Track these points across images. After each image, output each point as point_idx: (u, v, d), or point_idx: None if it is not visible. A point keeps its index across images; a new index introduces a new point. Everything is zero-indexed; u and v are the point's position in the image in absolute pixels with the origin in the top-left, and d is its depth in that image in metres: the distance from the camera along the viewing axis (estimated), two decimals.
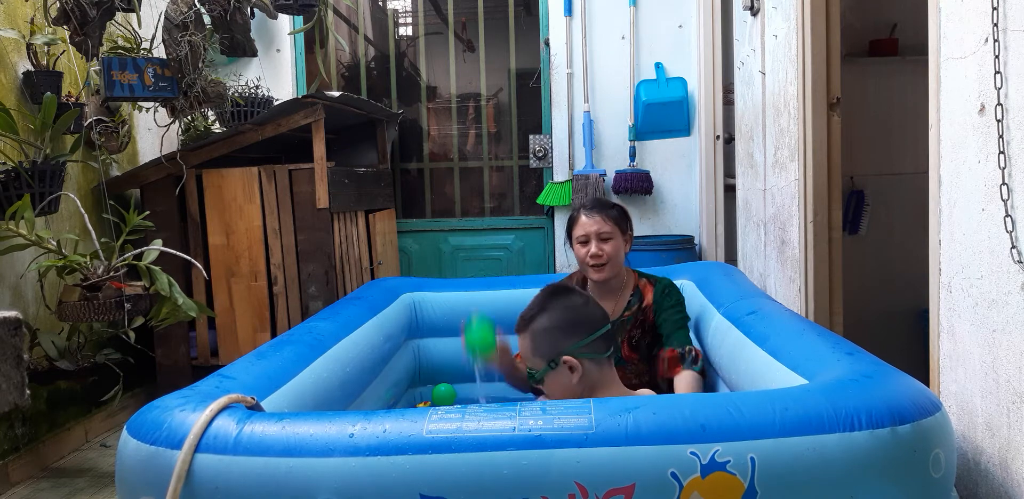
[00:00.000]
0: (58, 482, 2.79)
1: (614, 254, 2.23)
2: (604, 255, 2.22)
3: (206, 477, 1.29)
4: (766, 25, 2.99)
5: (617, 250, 2.24)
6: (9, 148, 2.64)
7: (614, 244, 2.23)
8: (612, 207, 2.29)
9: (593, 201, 2.34)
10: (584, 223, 2.25)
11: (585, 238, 2.24)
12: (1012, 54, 1.42)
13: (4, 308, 2.57)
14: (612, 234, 2.23)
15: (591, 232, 2.23)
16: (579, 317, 1.75)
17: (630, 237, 2.31)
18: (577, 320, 1.74)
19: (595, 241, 2.22)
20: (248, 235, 3.45)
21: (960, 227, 1.64)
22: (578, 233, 2.26)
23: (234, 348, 3.45)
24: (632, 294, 2.30)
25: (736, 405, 1.30)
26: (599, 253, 2.22)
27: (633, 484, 1.23)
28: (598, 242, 2.22)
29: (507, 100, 4.58)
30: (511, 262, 4.49)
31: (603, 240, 2.22)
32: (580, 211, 2.29)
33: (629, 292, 2.30)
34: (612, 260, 2.23)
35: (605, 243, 2.22)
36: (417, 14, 4.68)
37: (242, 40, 2.93)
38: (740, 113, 3.52)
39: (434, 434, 1.28)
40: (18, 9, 2.99)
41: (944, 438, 1.31)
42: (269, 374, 1.71)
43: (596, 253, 2.22)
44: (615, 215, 2.26)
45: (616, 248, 2.24)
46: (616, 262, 2.25)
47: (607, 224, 2.22)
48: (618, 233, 2.25)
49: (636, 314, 2.27)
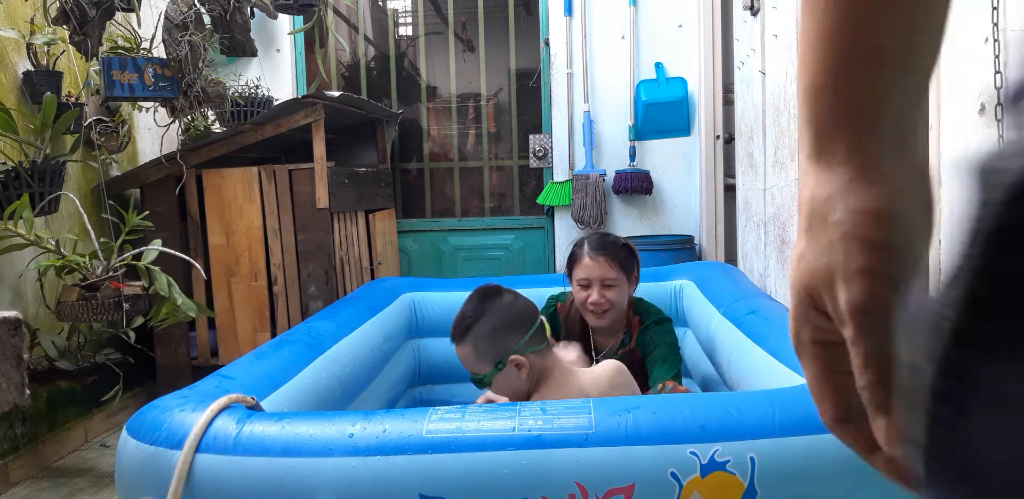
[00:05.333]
0: (58, 482, 2.79)
1: (618, 301, 2.02)
2: (606, 302, 2.01)
3: (206, 477, 1.29)
4: (766, 25, 2.99)
5: (621, 297, 2.03)
6: (9, 148, 2.64)
7: (618, 291, 2.01)
8: (620, 247, 2.06)
9: (599, 239, 2.09)
10: (587, 266, 2.03)
11: (587, 282, 2.03)
12: (1012, 54, 1.42)
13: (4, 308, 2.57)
14: (617, 281, 2.01)
15: (594, 277, 2.01)
16: (515, 315, 1.74)
17: (636, 278, 2.09)
18: (514, 318, 1.73)
19: (597, 287, 2.01)
20: (248, 235, 3.45)
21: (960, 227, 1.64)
22: (579, 275, 2.05)
23: (234, 348, 3.45)
24: (625, 332, 2.13)
25: (736, 405, 1.30)
26: (601, 301, 2.01)
27: (633, 484, 1.23)
28: (601, 289, 2.01)
29: (507, 100, 4.58)
30: (511, 262, 4.49)
31: (606, 287, 2.01)
32: (584, 250, 2.06)
33: (623, 328, 2.13)
34: (615, 307, 2.03)
35: (608, 290, 2.01)
36: (417, 14, 4.68)
37: (242, 40, 2.94)
38: (740, 113, 3.52)
39: (434, 434, 1.28)
40: (18, 9, 2.99)
41: None
42: (269, 374, 1.71)
43: (598, 301, 2.01)
44: (622, 257, 2.04)
45: (619, 295, 2.02)
46: (619, 308, 2.05)
47: (612, 269, 2.00)
48: (623, 278, 2.02)
49: (628, 353, 2.10)
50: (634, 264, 2.10)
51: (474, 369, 1.74)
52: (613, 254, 2.03)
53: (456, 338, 1.75)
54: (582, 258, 2.06)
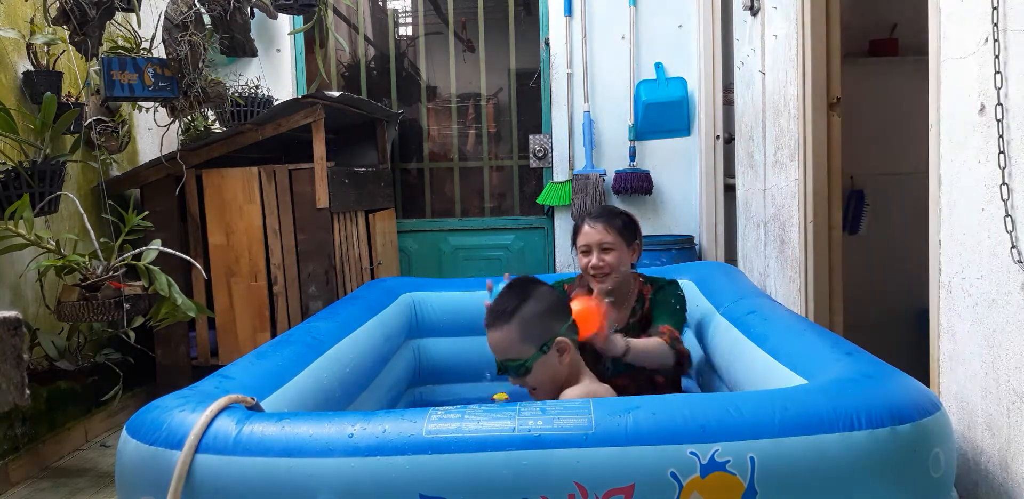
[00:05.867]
0: (58, 482, 2.79)
1: (616, 265, 2.17)
2: (605, 265, 2.16)
3: (206, 477, 1.29)
4: (766, 25, 2.99)
5: (620, 261, 2.17)
6: (9, 148, 2.64)
7: (616, 255, 2.16)
8: (618, 215, 2.22)
9: (599, 209, 2.28)
10: (586, 232, 2.19)
11: (587, 248, 2.19)
12: (1012, 54, 1.42)
13: (4, 308, 2.57)
14: (614, 245, 2.16)
15: (592, 242, 2.17)
16: (559, 301, 1.78)
17: (638, 246, 2.23)
18: (559, 304, 1.77)
19: (596, 251, 2.16)
20: (248, 235, 3.45)
21: (960, 227, 1.64)
22: (581, 242, 2.21)
23: (234, 348, 3.45)
24: (636, 300, 2.26)
25: (736, 405, 1.30)
26: (600, 264, 2.16)
27: (633, 484, 1.23)
28: (599, 253, 2.16)
29: (507, 100, 4.58)
30: (511, 262, 4.49)
31: (604, 251, 2.16)
32: (584, 219, 2.22)
33: (634, 298, 2.26)
34: (615, 271, 2.17)
35: (606, 254, 2.16)
36: (417, 14, 4.68)
37: (242, 40, 2.93)
38: (740, 113, 3.52)
39: (433, 434, 1.28)
40: (18, 9, 2.99)
41: (944, 438, 1.31)
42: (269, 374, 1.71)
43: (597, 264, 2.16)
44: (619, 225, 2.18)
45: (618, 259, 2.17)
46: (619, 272, 2.19)
47: (609, 234, 2.16)
48: (621, 243, 2.17)
49: (640, 320, 2.23)
50: (634, 232, 2.23)
51: (515, 353, 1.71)
52: (610, 221, 2.18)
53: (499, 320, 1.72)
54: (582, 227, 2.22)
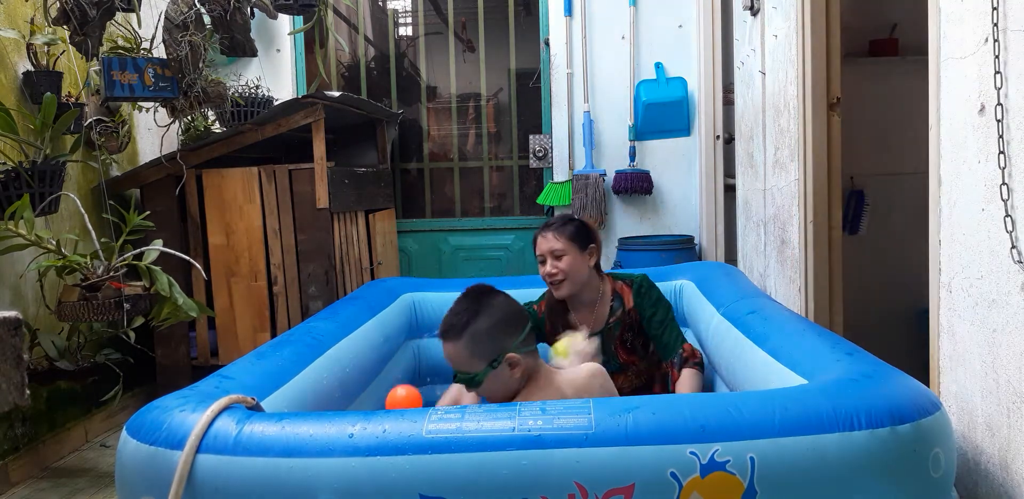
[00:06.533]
0: (58, 482, 2.79)
1: (569, 270, 2.22)
2: (559, 272, 2.23)
3: (206, 477, 1.29)
4: (766, 25, 2.99)
5: (573, 266, 2.23)
6: (9, 148, 2.64)
7: (568, 260, 2.22)
8: (569, 222, 2.28)
9: (552, 220, 2.33)
10: (538, 243, 2.27)
11: (542, 257, 2.27)
12: (1012, 54, 1.42)
13: (4, 308, 2.57)
14: (565, 251, 2.22)
15: (544, 251, 2.25)
16: (513, 314, 1.76)
17: (594, 249, 2.28)
18: (512, 317, 1.75)
19: (549, 259, 2.24)
20: (248, 235, 3.45)
21: (960, 227, 1.64)
22: (537, 253, 2.29)
23: (234, 348, 3.45)
24: (613, 299, 2.30)
25: (736, 405, 1.30)
26: (553, 271, 2.23)
27: (633, 484, 1.23)
28: (552, 260, 2.23)
29: (507, 100, 4.58)
30: (511, 262, 4.49)
31: (556, 258, 2.23)
32: (539, 230, 2.30)
33: (609, 298, 2.30)
34: (570, 276, 2.23)
35: (559, 260, 2.23)
36: (417, 14, 4.68)
37: (242, 40, 2.93)
38: (740, 113, 3.52)
39: (433, 434, 1.28)
40: (18, 9, 2.99)
41: (944, 438, 1.31)
42: (269, 374, 1.71)
43: (550, 271, 2.24)
44: (570, 231, 2.24)
45: (571, 264, 2.22)
46: (575, 278, 2.24)
47: (559, 241, 2.22)
48: (573, 249, 2.23)
49: (622, 318, 2.28)
50: (587, 237, 2.27)
51: (465, 367, 1.71)
52: (560, 229, 2.25)
53: (449, 335, 1.72)
54: (536, 237, 2.29)
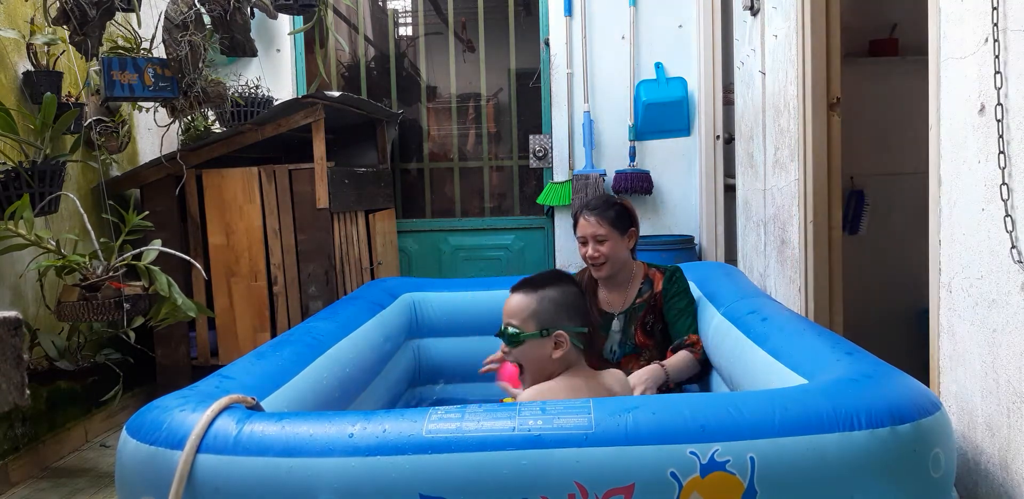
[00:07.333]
0: (58, 482, 2.79)
1: (611, 254, 2.33)
2: (600, 255, 2.33)
3: (206, 477, 1.29)
4: (766, 25, 2.99)
5: (614, 250, 2.33)
6: (9, 148, 2.64)
7: (610, 245, 2.32)
8: (612, 207, 2.36)
9: (595, 201, 2.42)
10: (582, 225, 2.36)
11: (583, 239, 2.36)
12: (1012, 54, 1.42)
13: (4, 308, 2.57)
14: (607, 236, 2.32)
15: (587, 234, 2.33)
16: (583, 307, 1.81)
17: (634, 233, 2.38)
18: (581, 308, 1.80)
19: (592, 243, 2.33)
20: (248, 235, 3.45)
21: (960, 227, 1.64)
22: (578, 234, 2.38)
23: (234, 348, 3.45)
24: (643, 282, 2.40)
25: (736, 405, 1.30)
26: (595, 255, 2.33)
27: (633, 484, 1.23)
28: (594, 244, 2.33)
29: (507, 100, 4.58)
30: (511, 262, 4.49)
31: (599, 242, 2.32)
32: (581, 212, 2.38)
33: (640, 281, 2.41)
34: (610, 260, 2.34)
35: (601, 245, 2.32)
36: (417, 14, 4.68)
37: (242, 40, 2.93)
38: (740, 113, 3.52)
39: (434, 434, 1.28)
40: (18, 9, 2.99)
41: (944, 438, 1.31)
42: (269, 374, 1.71)
43: (592, 255, 2.34)
44: (612, 216, 2.33)
45: (612, 249, 2.33)
46: (615, 260, 2.35)
47: (602, 227, 2.31)
48: (615, 234, 2.33)
49: (648, 300, 2.38)
50: (628, 221, 2.37)
51: (517, 321, 1.72)
52: (603, 214, 2.33)
53: (524, 287, 1.75)
54: (579, 219, 2.39)
